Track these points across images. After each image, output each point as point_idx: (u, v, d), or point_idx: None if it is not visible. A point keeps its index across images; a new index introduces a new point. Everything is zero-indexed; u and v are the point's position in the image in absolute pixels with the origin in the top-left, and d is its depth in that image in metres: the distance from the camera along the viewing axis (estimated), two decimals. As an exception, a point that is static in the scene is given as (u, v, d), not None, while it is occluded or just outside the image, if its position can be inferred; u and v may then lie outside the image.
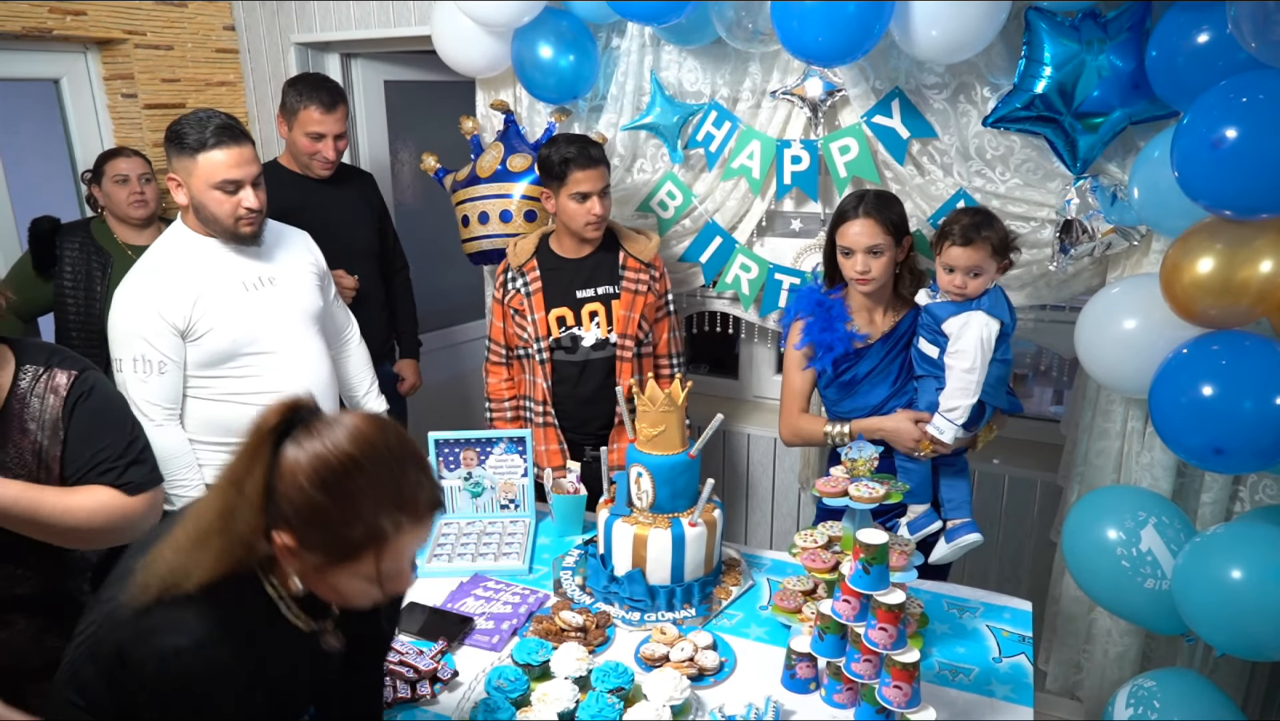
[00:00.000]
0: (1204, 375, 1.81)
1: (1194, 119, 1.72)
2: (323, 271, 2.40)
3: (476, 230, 2.93)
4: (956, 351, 2.07)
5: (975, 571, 2.95)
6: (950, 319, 2.08)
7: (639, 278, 2.52)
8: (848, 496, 1.79)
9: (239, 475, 1.10)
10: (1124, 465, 2.44)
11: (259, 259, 2.20)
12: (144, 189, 2.93)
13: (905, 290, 2.23)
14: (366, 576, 1.14)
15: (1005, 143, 2.41)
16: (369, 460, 1.10)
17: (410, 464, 1.14)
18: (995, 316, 2.06)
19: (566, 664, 1.63)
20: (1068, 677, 2.71)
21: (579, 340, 2.53)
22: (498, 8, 2.58)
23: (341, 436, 1.10)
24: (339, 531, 1.10)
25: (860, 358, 2.23)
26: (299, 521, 1.09)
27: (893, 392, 2.23)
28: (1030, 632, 1.87)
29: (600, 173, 2.40)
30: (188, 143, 2.03)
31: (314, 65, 3.53)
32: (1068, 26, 2.14)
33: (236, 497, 1.09)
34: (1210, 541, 1.86)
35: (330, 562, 1.12)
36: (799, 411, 2.34)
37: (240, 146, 2.06)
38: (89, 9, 3.08)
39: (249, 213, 2.10)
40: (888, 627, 1.48)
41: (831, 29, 2.10)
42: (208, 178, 2.04)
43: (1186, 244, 1.86)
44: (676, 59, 2.77)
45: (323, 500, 1.08)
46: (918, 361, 2.20)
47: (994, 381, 2.10)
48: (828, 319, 2.24)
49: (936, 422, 2.10)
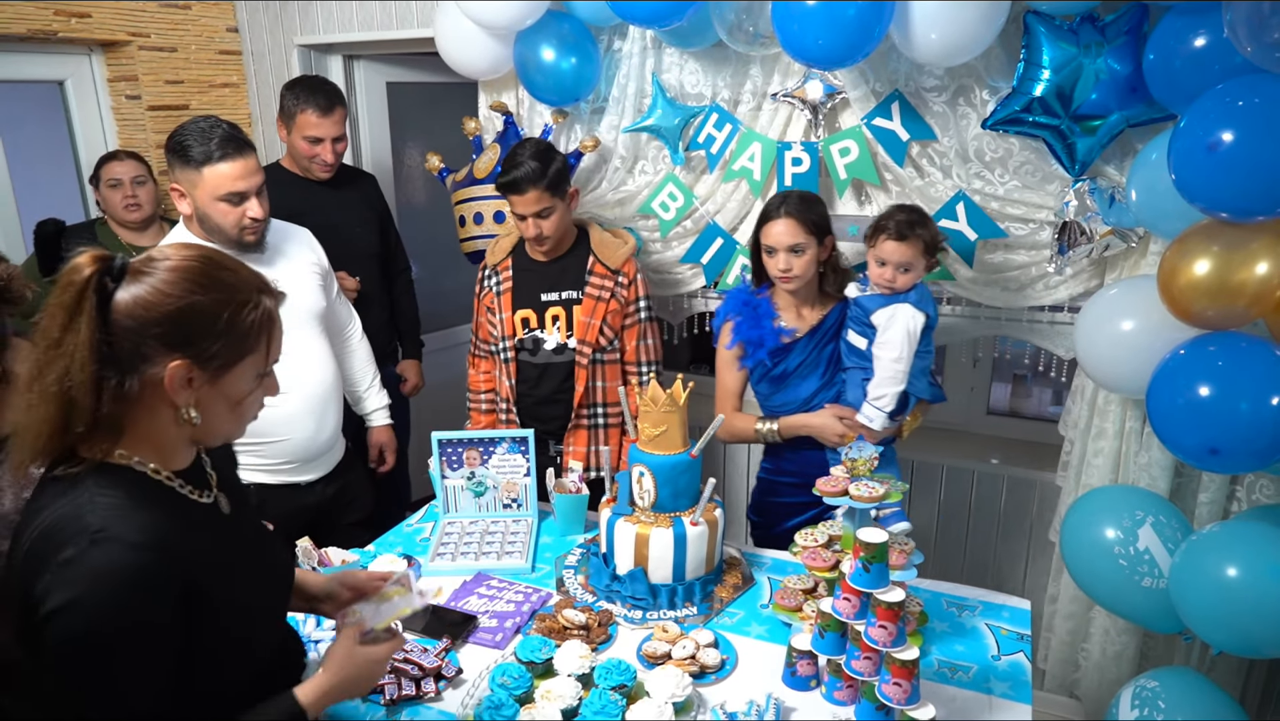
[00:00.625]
0: (1201, 376, 1.83)
1: (1191, 122, 1.74)
2: (325, 270, 2.42)
3: (472, 230, 2.98)
4: (884, 342, 2.15)
5: (973, 571, 2.97)
6: (879, 310, 2.16)
7: (604, 284, 2.52)
8: (848, 495, 1.80)
9: (52, 334, 1.06)
10: (1122, 465, 2.45)
11: (261, 263, 2.22)
12: (137, 192, 2.95)
13: (829, 287, 2.32)
14: (258, 370, 1.20)
15: (1004, 145, 2.42)
16: (211, 256, 1.16)
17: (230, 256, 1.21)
18: (922, 310, 2.14)
19: (570, 661, 1.65)
20: (1066, 676, 2.73)
21: (540, 343, 2.56)
22: (500, 10, 2.60)
23: (170, 254, 1.13)
24: (233, 321, 1.14)
25: (788, 352, 2.32)
26: (191, 335, 1.10)
27: (822, 385, 2.32)
28: (1029, 631, 1.88)
29: (533, 197, 2.37)
30: (192, 155, 2.04)
31: (316, 67, 3.55)
32: (1066, 30, 2.16)
33: (53, 354, 1.06)
34: (1207, 540, 1.88)
35: (229, 364, 1.15)
36: (732, 410, 2.43)
37: (245, 158, 2.08)
38: (94, 11, 3.10)
39: (254, 222, 2.12)
40: (888, 625, 1.50)
41: (832, 32, 2.12)
42: (213, 190, 2.06)
43: (1183, 246, 1.88)
44: (678, 61, 2.79)
45: (204, 300, 1.11)
46: (846, 354, 2.28)
47: (917, 372, 2.20)
48: (755, 316, 2.34)
49: (865, 411, 2.19)
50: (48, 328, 1.06)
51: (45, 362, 1.06)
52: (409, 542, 2.26)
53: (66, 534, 1.06)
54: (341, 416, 2.42)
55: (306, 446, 2.29)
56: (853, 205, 2.72)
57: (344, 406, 2.47)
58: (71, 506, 1.08)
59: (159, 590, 1.07)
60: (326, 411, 2.32)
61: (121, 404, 1.10)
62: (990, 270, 2.54)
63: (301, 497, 2.32)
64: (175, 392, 1.12)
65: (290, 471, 2.30)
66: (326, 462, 2.37)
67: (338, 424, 2.39)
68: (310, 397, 2.26)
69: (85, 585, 1.02)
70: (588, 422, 2.60)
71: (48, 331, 1.06)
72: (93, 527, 1.05)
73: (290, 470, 2.30)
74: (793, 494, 2.39)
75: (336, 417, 2.38)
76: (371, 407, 2.69)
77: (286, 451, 2.26)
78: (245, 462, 2.28)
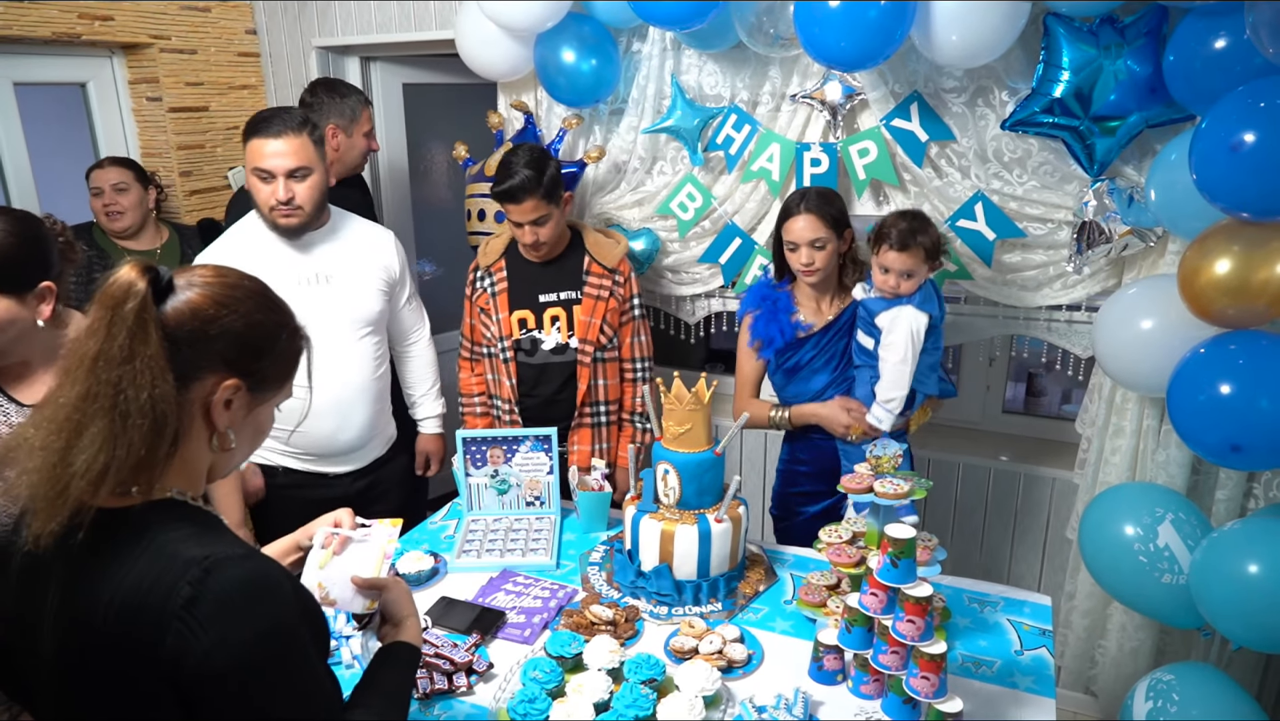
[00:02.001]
0: (1221, 374, 1.85)
1: (1213, 123, 1.76)
2: (394, 277, 2.44)
3: (476, 225, 3.03)
4: (889, 344, 2.19)
5: (992, 567, 2.99)
6: (883, 313, 2.20)
7: (602, 283, 2.54)
8: (873, 492, 1.83)
9: (118, 352, 0.95)
10: (1139, 462, 2.47)
11: (318, 255, 2.26)
12: (117, 199, 2.95)
13: (848, 280, 2.37)
14: (285, 395, 1.16)
15: (1023, 146, 2.44)
16: (258, 280, 1.13)
17: None
18: (924, 310, 2.18)
19: (599, 656, 1.67)
20: (1082, 672, 2.75)
21: (538, 343, 2.57)
22: (522, 12, 2.62)
23: (221, 270, 1.09)
24: (287, 345, 1.11)
25: (802, 346, 2.37)
26: (251, 353, 1.06)
27: (833, 379, 2.37)
28: (1050, 626, 1.90)
29: (530, 206, 2.37)
30: (248, 127, 2.14)
31: (334, 69, 3.58)
32: (1085, 31, 2.17)
33: (127, 369, 0.95)
34: (1228, 536, 1.90)
35: (273, 389, 1.12)
36: (749, 397, 2.50)
37: (283, 138, 2.12)
38: (116, 14, 3.13)
39: (280, 204, 2.15)
40: (915, 620, 1.52)
41: (853, 34, 2.14)
42: (249, 162, 2.15)
43: (1204, 245, 1.90)
44: (697, 63, 2.81)
45: (264, 319, 1.08)
46: (856, 353, 2.32)
47: (924, 369, 2.23)
48: (774, 310, 2.40)
49: (875, 413, 2.23)
50: (106, 346, 0.96)
51: (116, 380, 0.95)
52: (434, 540, 2.29)
53: (171, 578, 0.96)
54: (377, 418, 2.44)
55: (324, 443, 2.32)
56: (871, 206, 2.74)
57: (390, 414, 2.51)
58: (154, 554, 0.98)
59: (282, 585, 1.04)
60: (352, 412, 2.34)
61: None
62: (1008, 269, 2.56)
63: (328, 487, 2.36)
64: (219, 414, 1.06)
65: (313, 462, 2.33)
66: (356, 459, 2.40)
67: (367, 425, 2.40)
68: (332, 396, 2.27)
69: (224, 612, 0.95)
70: (590, 421, 2.62)
71: (107, 350, 0.96)
72: (198, 559, 0.97)
73: (312, 461, 2.33)
74: (809, 482, 2.47)
75: (366, 419, 2.39)
76: (423, 415, 2.71)
77: (302, 443, 2.29)
78: (271, 446, 2.32)
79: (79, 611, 0.99)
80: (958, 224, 2.51)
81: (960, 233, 2.52)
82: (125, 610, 0.96)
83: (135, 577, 0.97)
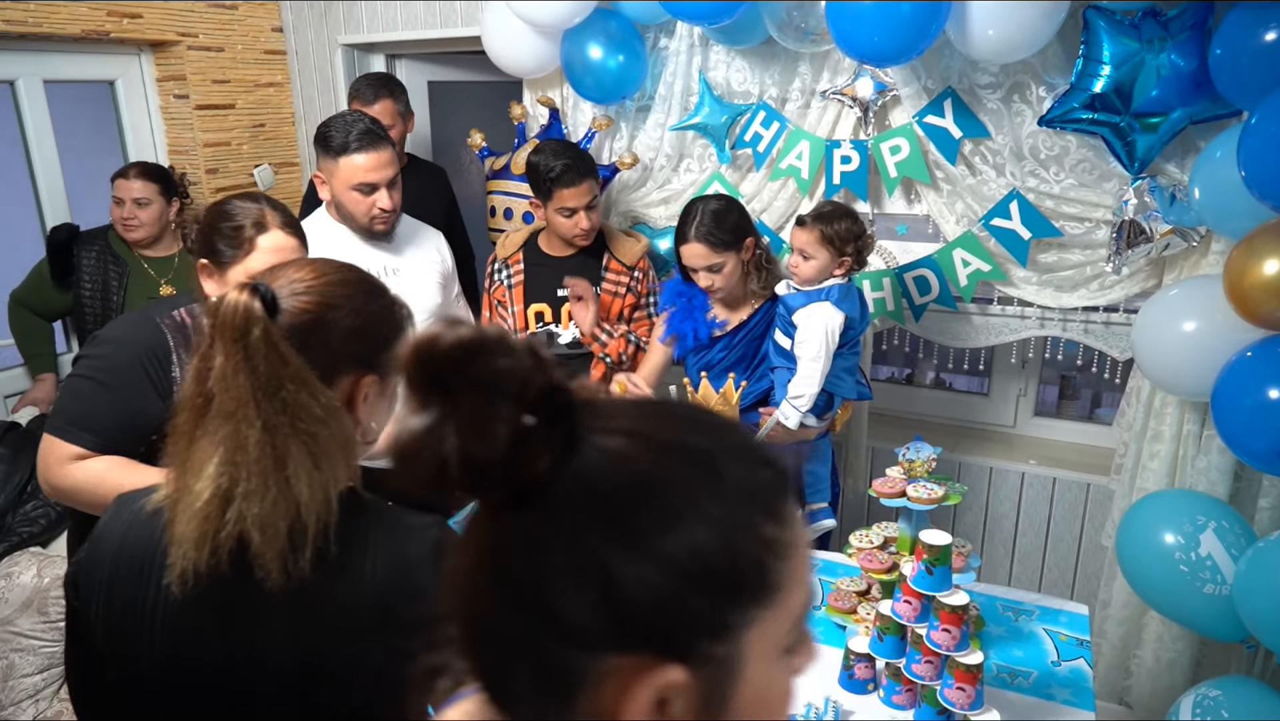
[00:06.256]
0: (1270, 378, 1.79)
1: (1263, 118, 1.70)
2: (447, 271, 2.49)
3: (501, 223, 3.02)
4: (802, 340, 2.18)
5: (1023, 575, 2.93)
6: (800, 309, 2.19)
7: (620, 280, 2.55)
8: (905, 497, 1.78)
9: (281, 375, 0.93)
10: (1179, 469, 2.40)
11: (388, 250, 2.33)
12: (136, 214, 2.83)
13: (755, 286, 2.35)
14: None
15: (1060, 143, 2.38)
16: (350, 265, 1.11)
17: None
18: (841, 308, 2.16)
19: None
20: (1117, 683, 2.68)
21: (554, 337, 2.57)
22: (549, 9, 2.60)
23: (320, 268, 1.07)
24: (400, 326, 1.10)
25: (714, 345, 2.38)
26: (375, 347, 1.06)
27: (747, 379, 2.35)
28: (1088, 636, 1.85)
29: (586, 187, 2.40)
30: (332, 145, 2.16)
31: (360, 66, 3.57)
32: (1127, 25, 2.12)
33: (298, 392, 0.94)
34: (1276, 546, 1.83)
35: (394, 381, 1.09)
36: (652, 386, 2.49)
37: (378, 151, 2.17)
38: (144, 11, 3.14)
39: (382, 212, 2.23)
40: (951, 629, 1.48)
41: (887, 29, 2.10)
42: (347, 179, 2.17)
43: (1251, 245, 1.84)
44: (725, 59, 2.77)
45: (375, 307, 1.08)
46: (774, 354, 2.30)
47: (840, 371, 2.22)
48: (689, 308, 2.39)
49: (783, 409, 2.21)
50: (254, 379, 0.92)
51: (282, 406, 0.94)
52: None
53: (412, 546, 1.03)
54: None
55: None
56: (902, 204, 2.69)
57: None
58: (376, 531, 1.03)
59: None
60: None
61: None
62: (1043, 269, 2.50)
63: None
64: (361, 409, 1.08)
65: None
66: None
67: None
68: None
69: None
70: None
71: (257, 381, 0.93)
72: (421, 526, 1.04)
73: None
74: None
75: None
76: None
77: None
78: None
79: (313, 618, 0.99)
80: (992, 222, 2.46)
81: (995, 231, 2.47)
82: (390, 579, 1.00)
83: (386, 554, 1.01)
